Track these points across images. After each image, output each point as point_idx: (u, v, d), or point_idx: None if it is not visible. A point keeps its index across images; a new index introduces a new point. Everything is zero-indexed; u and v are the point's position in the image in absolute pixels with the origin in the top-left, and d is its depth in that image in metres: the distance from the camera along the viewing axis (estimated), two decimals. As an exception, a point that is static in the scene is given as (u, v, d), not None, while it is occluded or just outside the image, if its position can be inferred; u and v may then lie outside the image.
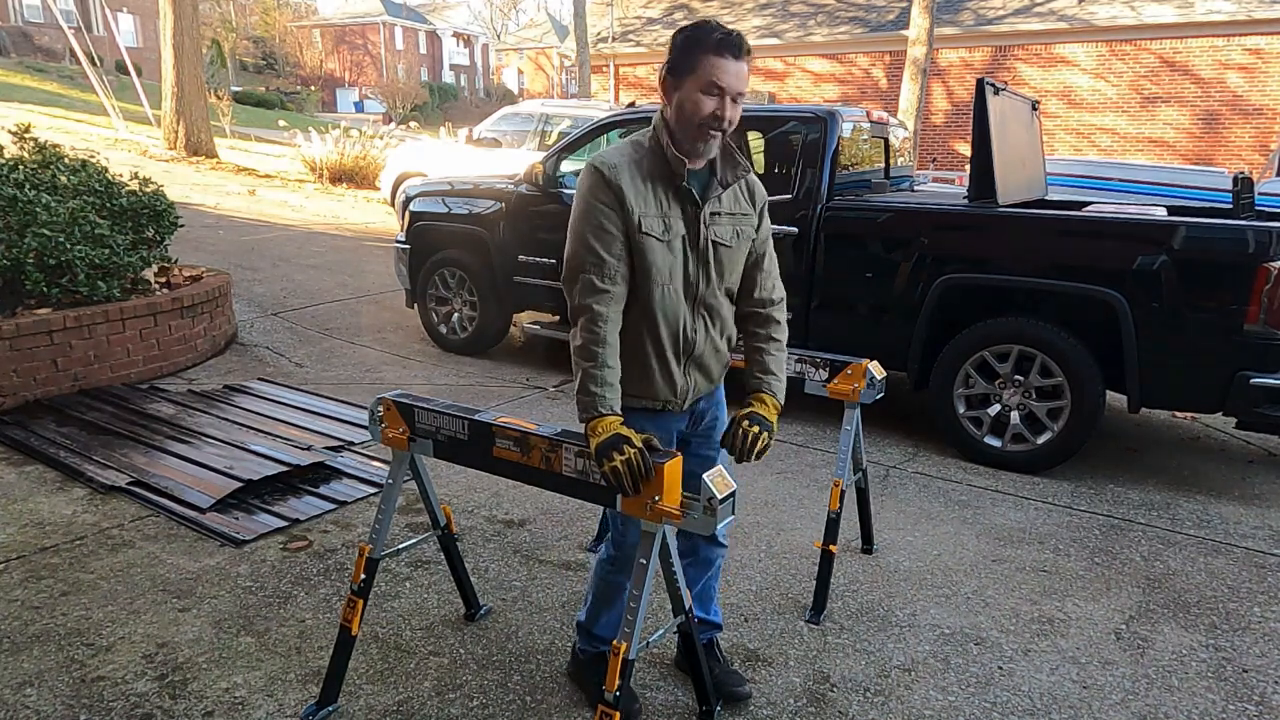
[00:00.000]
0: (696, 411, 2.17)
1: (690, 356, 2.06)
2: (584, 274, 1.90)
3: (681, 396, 2.08)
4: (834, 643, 2.62)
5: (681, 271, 1.99)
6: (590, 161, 1.94)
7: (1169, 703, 2.38)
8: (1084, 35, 16.11)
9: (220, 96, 18.70)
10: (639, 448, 1.78)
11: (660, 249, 1.94)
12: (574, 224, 1.94)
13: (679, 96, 1.89)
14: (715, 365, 2.13)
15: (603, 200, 1.90)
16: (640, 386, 2.02)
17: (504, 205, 5.50)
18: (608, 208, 1.90)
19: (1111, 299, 3.75)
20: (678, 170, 1.93)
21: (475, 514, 3.44)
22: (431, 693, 2.32)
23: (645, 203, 1.92)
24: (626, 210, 1.90)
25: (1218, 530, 3.53)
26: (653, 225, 1.93)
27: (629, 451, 1.77)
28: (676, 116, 1.91)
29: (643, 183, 1.93)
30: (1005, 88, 4.52)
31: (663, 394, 2.05)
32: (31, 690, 2.27)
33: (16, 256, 4.31)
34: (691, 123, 1.89)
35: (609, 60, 20.89)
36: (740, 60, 1.87)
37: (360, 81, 49.48)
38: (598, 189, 1.91)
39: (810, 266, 4.50)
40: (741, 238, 2.08)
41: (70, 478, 3.58)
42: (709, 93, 1.86)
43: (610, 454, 1.77)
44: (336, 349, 5.82)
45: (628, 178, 1.91)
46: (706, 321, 2.06)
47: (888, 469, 4.11)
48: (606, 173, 1.90)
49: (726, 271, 2.06)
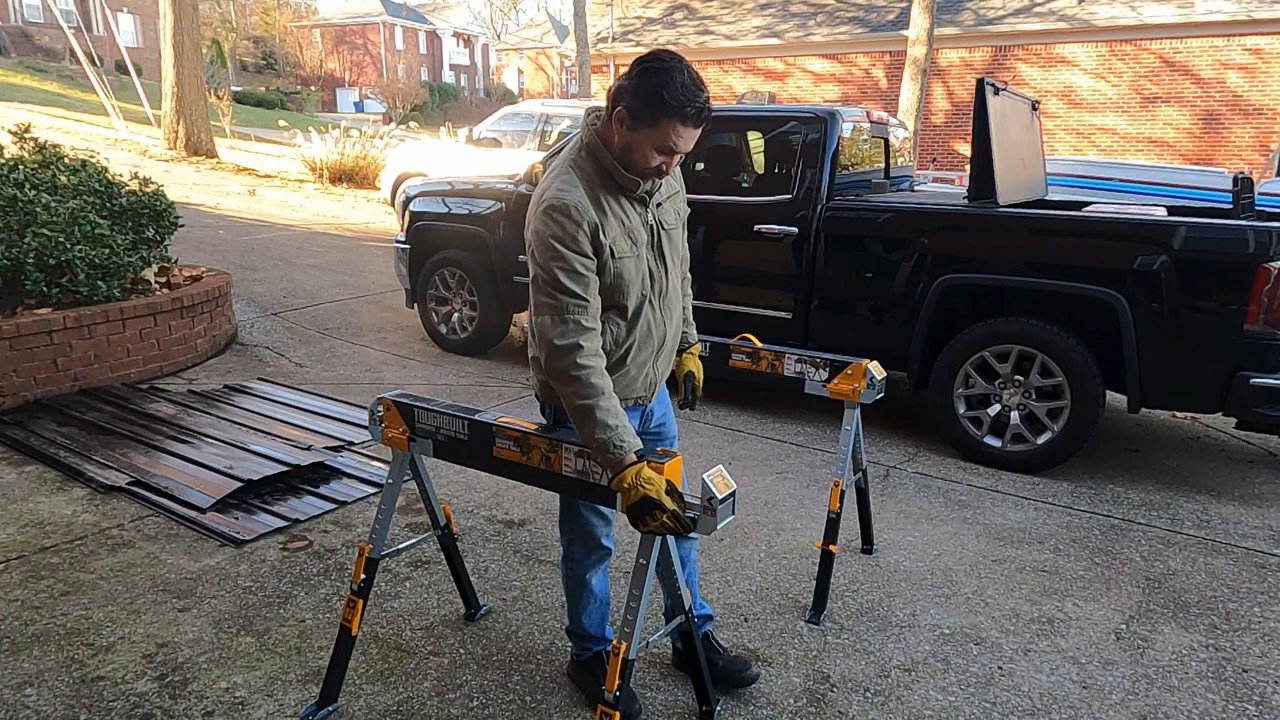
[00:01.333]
0: (647, 410, 2.21)
1: (660, 350, 2.13)
2: (569, 315, 1.83)
3: (652, 390, 2.17)
4: (834, 643, 2.63)
5: (648, 274, 2.02)
6: (551, 205, 1.84)
7: (1169, 703, 2.38)
8: (1084, 35, 16.11)
9: (220, 96, 18.71)
10: (672, 510, 1.75)
11: (631, 263, 1.95)
12: (545, 267, 1.84)
13: (630, 140, 1.84)
14: (675, 350, 2.25)
15: (574, 244, 1.83)
16: (620, 389, 2.03)
17: (504, 205, 5.50)
18: (578, 252, 1.83)
19: (1111, 299, 3.75)
20: (631, 187, 1.92)
21: (475, 514, 3.44)
22: (431, 693, 2.32)
23: (612, 227, 1.90)
24: (599, 244, 1.87)
25: (1218, 530, 3.53)
26: (622, 246, 1.92)
27: (662, 517, 1.75)
28: (621, 153, 1.88)
29: (604, 209, 1.89)
30: (1005, 88, 4.52)
31: (638, 391, 2.12)
32: (31, 690, 2.27)
33: (16, 256, 4.31)
34: (634, 167, 1.88)
35: (609, 60, 20.90)
36: (700, 127, 1.84)
37: (360, 81, 49.47)
38: (569, 234, 1.82)
39: (810, 267, 4.50)
40: (680, 216, 2.16)
41: (70, 478, 3.58)
42: (662, 151, 1.85)
43: (645, 519, 1.76)
44: (336, 349, 5.82)
45: (594, 212, 1.86)
46: (670, 313, 2.13)
47: (888, 469, 4.11)
48: (574, 214, 1.82)
49: (677, 255, 2.14)
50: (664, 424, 2.29)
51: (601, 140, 1.90)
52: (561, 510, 2.24)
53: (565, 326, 1.83)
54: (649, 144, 1.83)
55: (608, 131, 1.90)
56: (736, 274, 4.79)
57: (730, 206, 4.76)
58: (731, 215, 4.73)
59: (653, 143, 1.83)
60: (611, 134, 1.88)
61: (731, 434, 4.52)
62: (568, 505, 2.22)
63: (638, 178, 1.91)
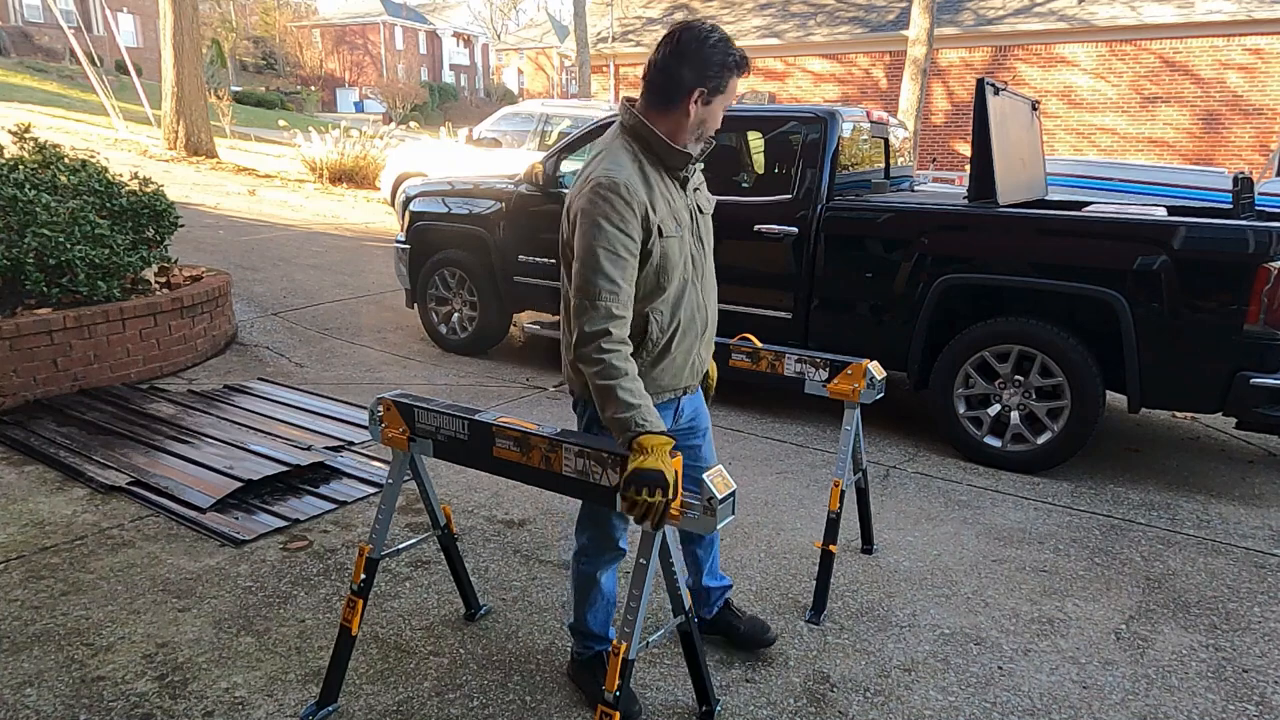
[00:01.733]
0: (679, 406, 2.21)
1: (703, 335, 2.16)
2: (600, 302, 1.85)
3: (698, 376, 2.20)
4: (834, 643, 2.63)
5: (690, 257, 2.06)
6: (600, 183, 1.86)
7: (1169, 703, 2.38)
8: (1084, 35, 16.11)
9: (220, 96, 18.71)
10: (667, 499, 1.72)
11: (676, 244, 1.99)
12: (588, 249, 1.86)
13: (705, 111, 1.93)
14: (714, 335, 2.26)
15: (623, 224, 1.86)
16: (668, 378, 2.08)
17: (504, 205, 5.50)
18: (624, 233, 1.86)
19: (1111, 299, 3.75)
20: (683, 162, 1.97)
21: (475, 514, 3.44)
22: (431, 693, 2.32)
23: (660, 207, 1.94)
24: (648, 224, 1.90)
25: (1218, 530, 3.53)
26: (669, 226, 1.96)
27: (659, 499, 1.71)
28: (692, 126, 1.94)
29: (653, 188, 1.94)
30: (1005, 88, 4.52)
31: (685, 380, 2.14)
32: (31, 690, 2.27)
33: (16, 256, 4.31)
34: (706, 132, 1.97)
35: (609, 60, 20.90)
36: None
37: (360, 81, 49.47)
38: (619, 212, 1.85)
39: (810, 266, 4.50)
40: (710, 201, 2.20)
41: (70, 478, 3.58)
42: (725, 108, 1.97)
43: (642, 489, 1.71)
44: (336, 349, 5.82)
45: (644, 192, 1.90)
46: (709, 296, 2.17)
47: (888, 469, 4.11)
48: (624, 193, 1.85)
49: (711, 240, 2.18)
50: (696, 418, 2.29)
51: (647, 121, 1.95)
52: (584, 506, 2.23)
53: (596, 312, 1.86)
54: (721, 107, 1.95)
55: (652, 113, 1.95)
56: (736, 274, 4.77)
57: (730, 206, 4.73)
58: (731, 215, 4.70)
59: (724, 104, 1.95)
60: (658, 115, 1.94)
61: (731, 434, 4.52)
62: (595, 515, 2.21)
63: (691, 152, 1.97)
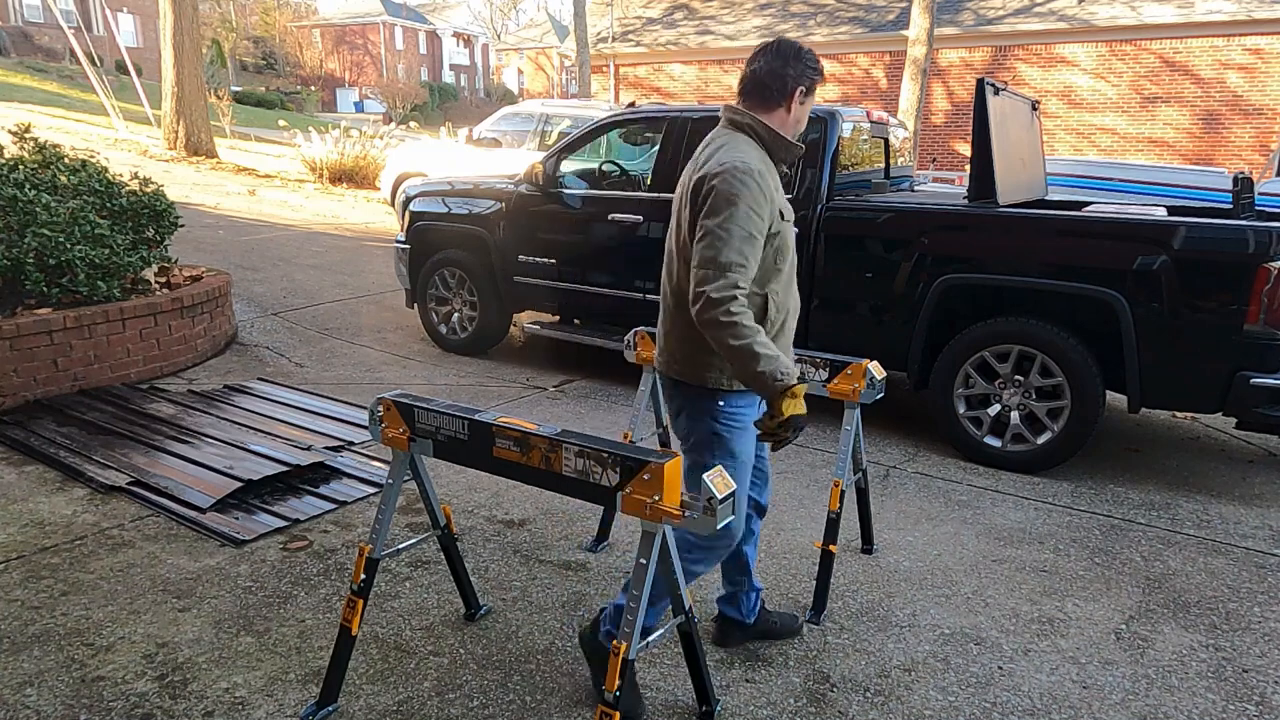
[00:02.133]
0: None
1: (794, 326, 2.28)
2: (730, 274, 1.98)
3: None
4: (834, 643, 2.63)
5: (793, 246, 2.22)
6: (737, 167, 2.02)
7: (1169, 703, 2.38)
8: (1084, 35, 16.10)
9: (220, 96, 18.70)
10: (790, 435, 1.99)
11: (789, 229, 2.16)
12: (722, 225, 2.00)
13: (801, 112, 2.17)
14: None
15: (757, 206, 2.01)
16: None
17: (504, 205, 5.50)
18: (758, 214, 2.02)
19: (1111, 299, 3.75)
20: (797, 153, 2.18)
21: (475, 514, 3.44)
22: (431, 693, 2.32)
23: (779, 196, 2.13)
24: (774, 209, 2.07)
25: (1218, 530, 3.53)
26: (787, 211, 2.15)
27: (792, 438, 1.98)
28: (792, 123, 2.17)
29: (773, 178, 2.13)
30: (1005, 88, 4.52)
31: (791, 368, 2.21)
32: (31, 690, 2.27)
33: (16, 256, 4.31)
34: (798, 130, 2.20)
35: (609, 60, 20.89)
36: None
37: (360, 81, 49.47)
38: (753, 195, 2.00)
39: (810, 266, 4.50)
40: (790, 210, 2.31)
41: (70, 478, 3.58)
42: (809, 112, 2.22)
43: (790, 430, 1.96)
44: (336, 349, 5.82)
45: (770, 180, 2.08)
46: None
47: (888, 469, 4.11)
48: (758, 178, 2.02)
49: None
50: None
51: (760, 119, 2.13)
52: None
53: (724, 281, 1.98)
54: (808, 110, 2.20)
55: (763, 111, 2.14)
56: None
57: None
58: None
59: (809, 108, 2.21)
60: (765, 113, 2.14)
61: (731, 434, 4.51)
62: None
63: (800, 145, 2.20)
